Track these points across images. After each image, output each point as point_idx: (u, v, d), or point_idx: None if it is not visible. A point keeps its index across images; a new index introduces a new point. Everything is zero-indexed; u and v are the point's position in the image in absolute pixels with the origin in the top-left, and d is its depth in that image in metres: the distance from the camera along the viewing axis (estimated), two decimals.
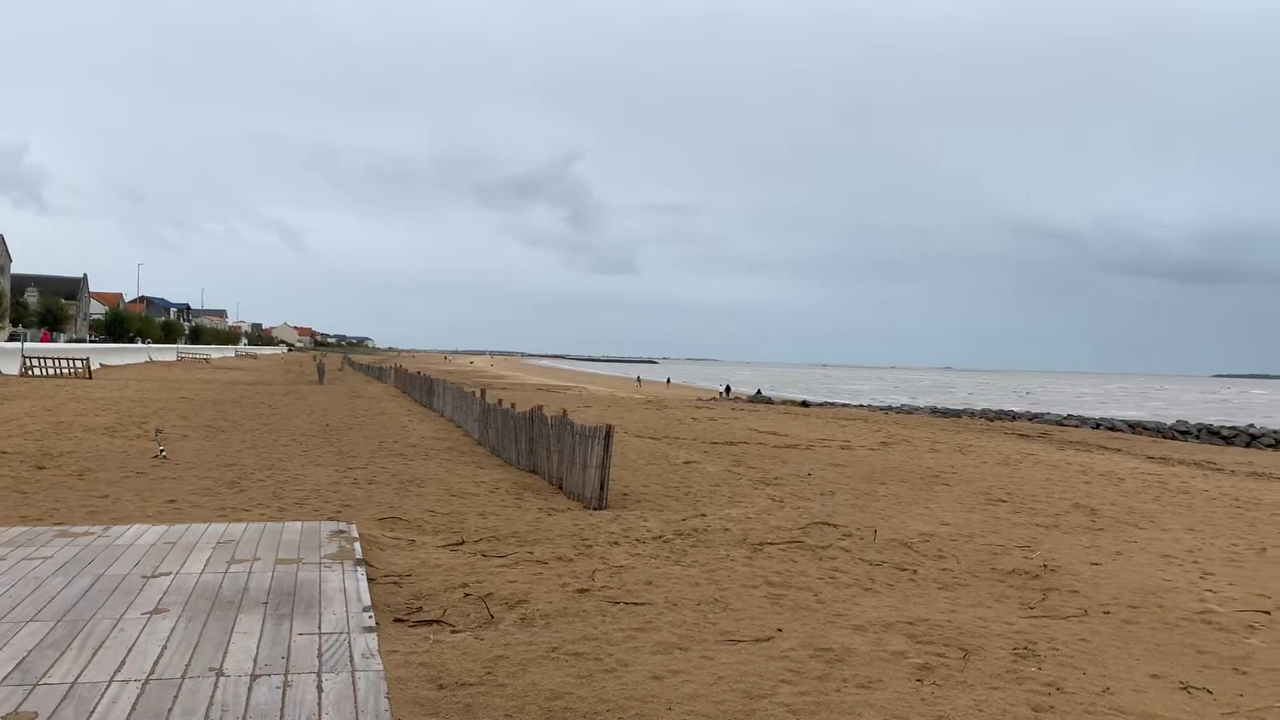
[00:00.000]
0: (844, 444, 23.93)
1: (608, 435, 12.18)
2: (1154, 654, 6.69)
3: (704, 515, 11.76)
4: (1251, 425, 50.21)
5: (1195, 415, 63.10)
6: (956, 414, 53.32)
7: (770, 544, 10.05)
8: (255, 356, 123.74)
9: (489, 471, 15.81)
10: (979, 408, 62.51)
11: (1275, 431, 46.34)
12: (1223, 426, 48.07)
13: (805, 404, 54.20)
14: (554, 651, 6.01)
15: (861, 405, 60.68)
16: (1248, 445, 41.41)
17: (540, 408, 16.13)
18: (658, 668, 5.72)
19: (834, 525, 11.37)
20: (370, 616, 6.41)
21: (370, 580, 7.57)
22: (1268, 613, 8.04)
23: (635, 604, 7.28)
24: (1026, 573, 9.22)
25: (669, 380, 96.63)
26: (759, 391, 70.11)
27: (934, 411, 55.22)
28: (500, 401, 19.95)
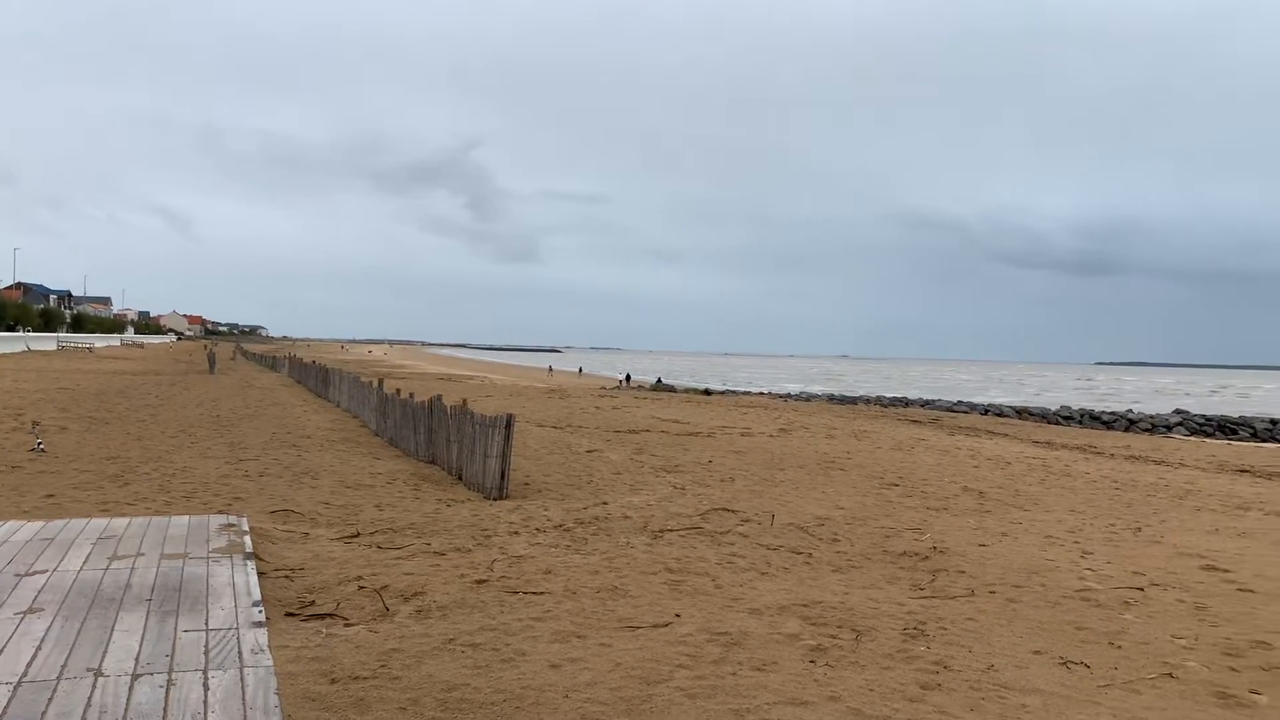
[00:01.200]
0: (745, 431, 24.23)
1: (508, 425, 12.09)
2: (1036, 631, 6.95)
3: (605, 503, 11.78)
4: (1130, 410, 52.60)
5: (1065, 400, 65.75)
6: (853, 401, 54.52)
7: (671, 531, 10.11)
8: (142, 346, 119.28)
9: (386, 462, 15.55)
10: (874, 394, 64.04)
11: (1151, 417, 48.63)
12: (1103, 412, 50.24)
13: (708, 392, 54.72)
14: (450, 643, 5.95)
15: (762, 393, 61.55)
16: (1126, 430, 43.36)
17: (439, 397, 15.93)
18: (555, 656, 5.71)
19: (733, 511, 11.50)
20: (260, 611, 6.23)
21: (261, 574, 7.36)
22: (1142, 589, 8.42)
23: (534, 593, 7.25)
24: (917, 554, 9.48)
25: (581, 370, 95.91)
26: (659, 380, 70.43)
27: (831, 399, 56.37)
28: (399, 391, 19.63)
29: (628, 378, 70.08)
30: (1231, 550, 10.39)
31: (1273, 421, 47.63)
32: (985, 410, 49.74)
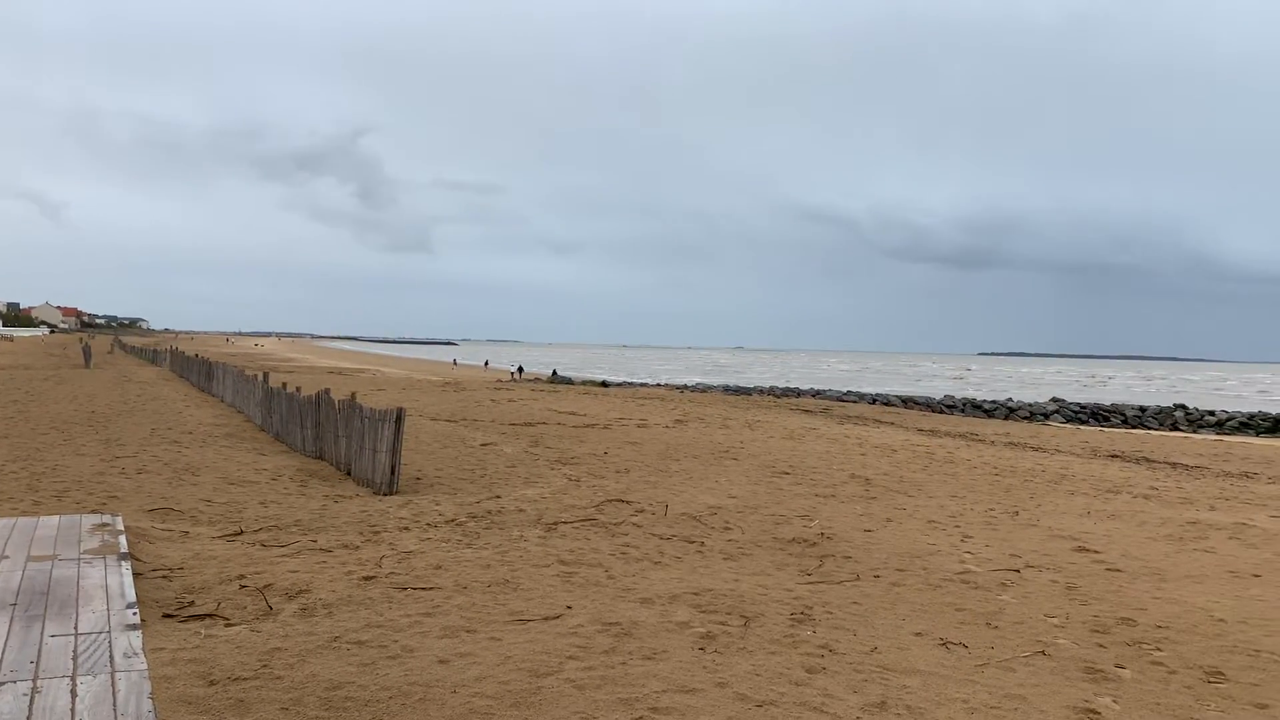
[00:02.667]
0: (641, 422, 24.34)
1: (398, 418, 11.90)
2: (918, 613, 7.16)
3: (499, 497, 11.69)
4: (1010, 399, 54.59)
5: (941, 389, 67.95)
6: (747, 392, 55.27)
7: (565, 523, 10.10)
8: (11, 339, 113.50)
9: (272, 458, 15.13)
10: (768, 385, 65.04)
11: (1030, 405, 50.59)
12: (985, 400, 52.03)
13: (605, 384, 54.79)
14: (336, 641, 5.82)
15: (659, 385, 61.94)
16: (1006, 417, 45.02)
17: (328, 391, 15.57)
18: (444, 651, 5.64)
19: (628, 502, 11.55)
20: (134, 613, 5.99)
21: (137, 575, 7.08)
22: (1018, 571, 8.76)
23: (423, 589, 7.15)
24: (806, 541, 9.67)
25: (487, 363, 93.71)
26: (555, 372, 70.15)
27: (727, 390, 57.03)
28: (285, 385, 19.12)
29: (520, 370, 69.50)
30: (1101, 532, 10.89)
31: (1141, 409, 50.07)
32: (874, 399, 51.02)
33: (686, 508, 11.29)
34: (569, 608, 6.73)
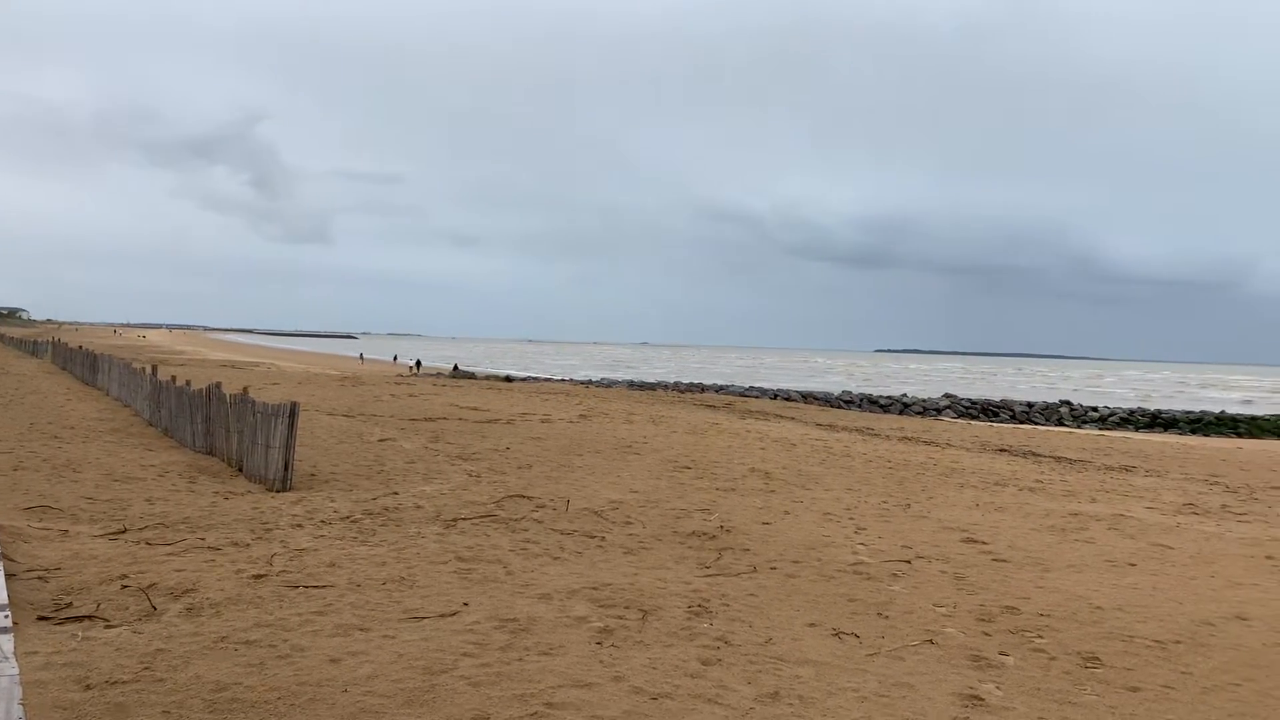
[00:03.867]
0: (545, 418, 24.23)
1: (292, 413, 11.61)
2: (812, 604, 7.29)
3: (396, 493, 11.51)
4: (905, 395, 56.00)
5: (844, 385, 69.46)
6: (652, 387, 55.56)
7: (464, 519, 9.99)
8: None
9: (160, 454, 14.62)
10: (672, 380, 65.48)
11: (924, 400, 52.00)
12: (881, 396, 53.30)
13: (509, 379, 54.42)
14: (222, 641, 5.65)
15: (564, 380, 61.81)
16: (901, 413, 46.20)
17: (219, 385, 15.11)
18: (336, 650, 5.53)
19: (529, 497, 11.49)
20: (6, 616, 5.71)
21: (10, 576, 6.75)
22: (909, 561, 8.99)
23: (316, 587, 6.99)
24: (705, 534, 9.76)
25: (396, 357, 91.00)
26: (456, 367, 69.28)
27: (631, 385, 57.24)
28: (175, 379, 18.48)
29: (418, 364, 68.32)
30: (989, 524, 11.25)
31: (1029, 405, 51.92)
32: (775, 395, 51.80)
33: (588, 503, 11.28)
34: (466, 604, 6.66)
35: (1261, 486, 17.49)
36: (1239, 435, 42.75)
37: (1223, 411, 50.92)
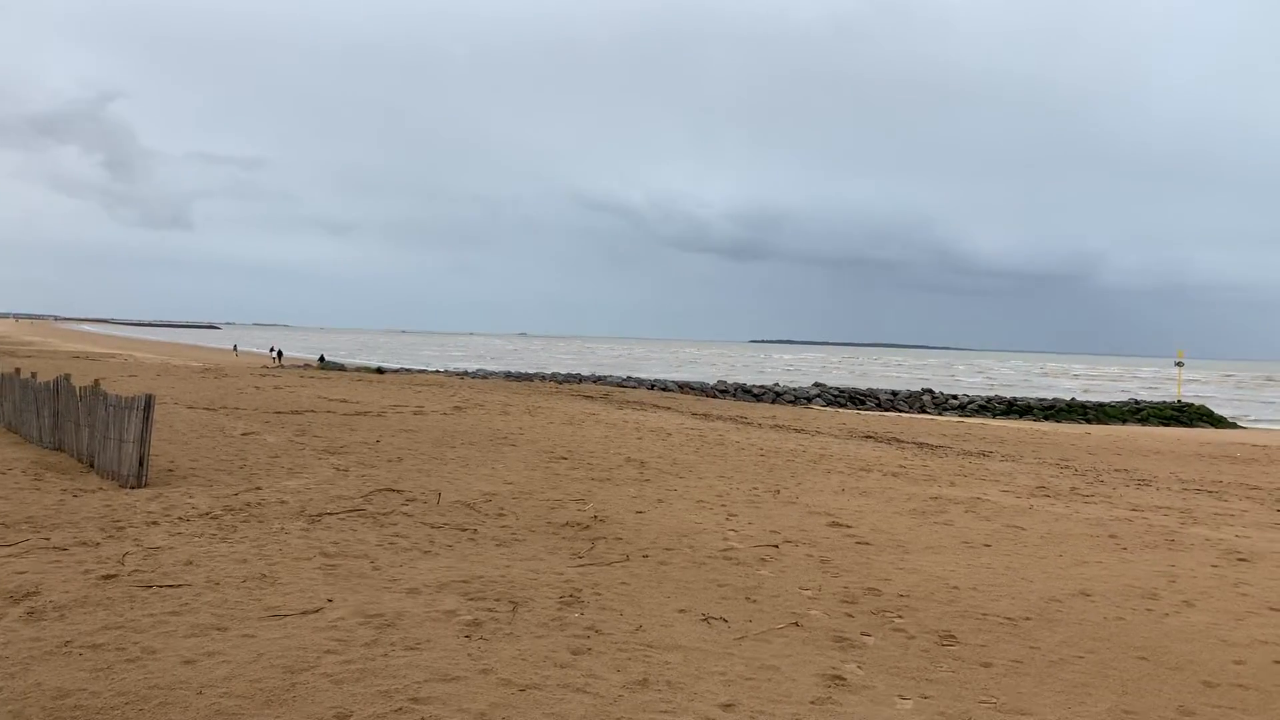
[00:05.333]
0: (417, 410, 23.81)
1: (147, 406, 11.09)
2: (683, 591, 7.37)
3: (259, 488, 11.13)
4: (777, 384, 57.18)
5: (720, 375, 70.63)
6: (529, 378, 55.25)
7: (330, 514, 9.74)
8: None
9: (2, 450, 13.78)
10: (550, 371, 65.23)
11: (795, 389, 53.20)
12: (754, 386, 54.27)
13: (380, 370, 53.28)
14: (66, 645, 5.36)
15: (438, 371, 60.88)
16: (774, 401, 47.17)
17: (68, 377, 14.32)
18: (191, 651, 5.31)
19: (399, 491, 11.27)
20: None
21: None
22: (776, 546, 9.18)
23: (171, 587, 6.70)
24: (579, 524, 9.76)
25: (274, 349, 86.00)
26: (323, 358, 67.32)
27: (508, 376, 56.80)
28: (19, 370, 17.44)
29: (279, 354, 65.98)
30: (854, 508, 11.58)
31: (894, 393, 53.65)
32: (652, 385, 52.18)
33: (460, 495, 11.14)
34: (330, 601, 6.49)
35: (1107, 470, 18.52)
36: (1088, 421, 45.15)
37: (1073, 399, 53.65)
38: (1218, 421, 46.68)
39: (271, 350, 70.70)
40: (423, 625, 5.99)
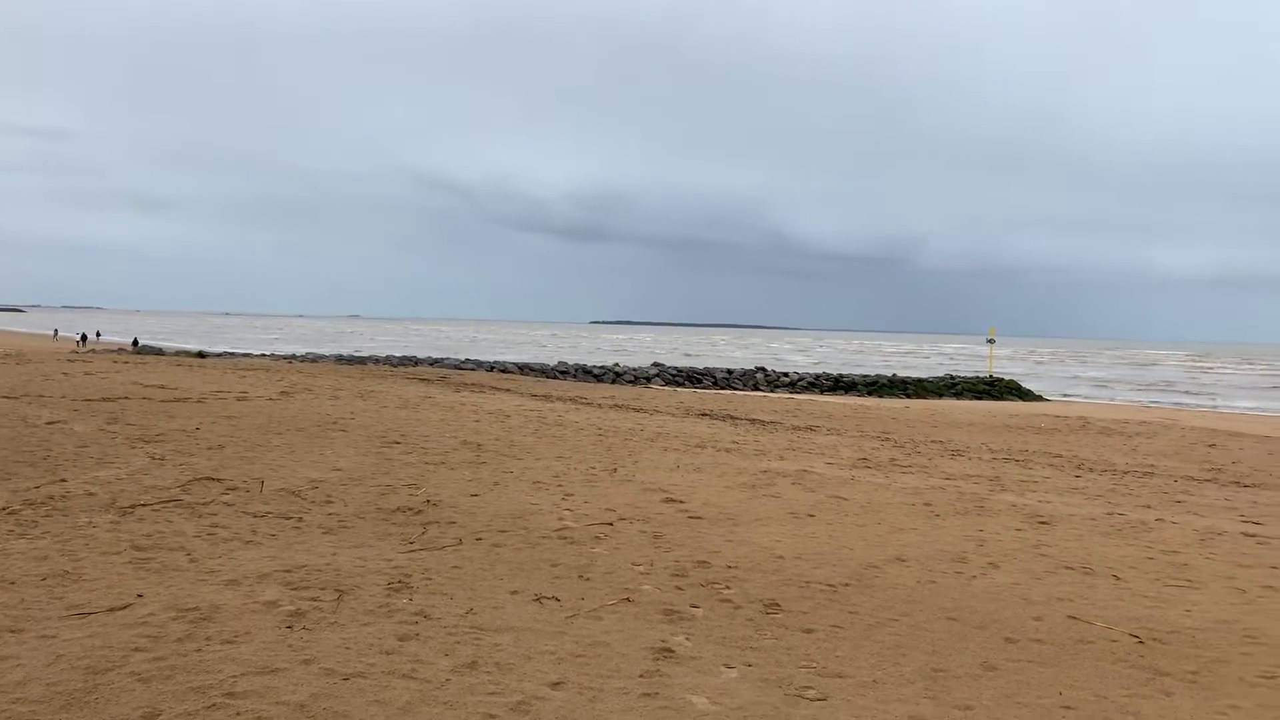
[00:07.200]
0: (241, 395, 22.80)
1: None
2: (516, 572, 7.34)
3: (64, 480, 10.44)
4: (616, 365, 57.65)
5: (557, 357, 70.81)
6: (362, 361, 53.82)
7: (143, 505, 9.23)
8: None
9: None
10: (384, 354, 63.72)
11: (634, 369, 53.78)
12: (594, 366, 54.56)
13: (202, 354, 50.77)
14: None
15: (265, 355, 58.51)
16: (614, 382, 47.54)
17: None
18: None
19: (219, 480, 10.79)
20: None
21: None
22: (611, 524, 9.26)
23: None
24: (411, 509, 9.58)
25: (93, 335, 79.55)
26: (136, 341, 63.64)
27: (340, 359, 55.15)
28: None
29: (83, 338, 61.99)
30: (688, 484, 11.81)
31: (729, 371, 54.95)
32: (491, 367, 51.71)
33: (285, 483, 10.76)
34: (140, 596, 6.16)
35: (923, 441, 19.52)
36: (908, 396, 47.46)
37: (894, 375, 56.24)
38: (1025, 395, 49.91)
39: (77, 334, 66.13)
40: (241, 617, 5.76)
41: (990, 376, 55.06)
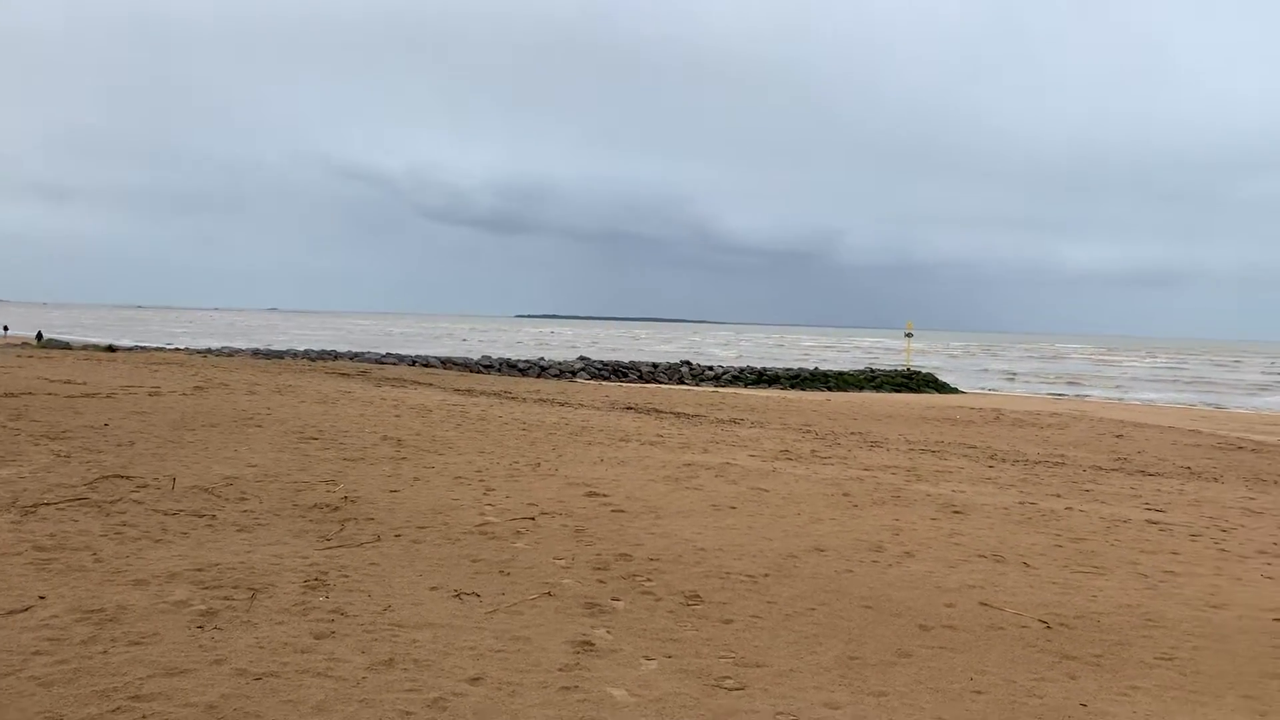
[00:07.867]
0: (153, 390, 22.16)
1: None
2: (435, 568, 7.27)
3: None
4: (542, 359, 57.42)
5: (469, 350, 70.30)
6: (280, 355, 52.73)
7: (47, 504, 8.91)
8: None
9: None
10: (303, 348, 62.54)
11: (560, 363, 53.64)
12: (519, 360, 54.27)
13: (112, 348, 49.25)
14: None
15: (179, 349, 56.98)
16: (539, 376, 47.34)
17: None
18: None
19: (128, 477, 10.47)
20: None
21: None
22: (533, 519, 9.23)
23: None
24: (328, 506, 9.42)
25: (4, 328, 75.82)
26: (40, 334, 61.51)
27: (257, 353, 53.96)
28: None
29: (5, 328, 59.83)
30: (611, 477, 11.81)
31: (654, 365, 55.13)
32: (414, 361, 51.08)
33: (198, 480, 10.49)
34: (42, 598, 5.94)
35: (843, 433, 19.83)
36: (829, 389, 48.16)
37: (815, 368, 57.04)
38: (942, 387, 51.03)
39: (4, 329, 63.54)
40: (149, 618, 5.60)
41: (908, 370, 56.16)
